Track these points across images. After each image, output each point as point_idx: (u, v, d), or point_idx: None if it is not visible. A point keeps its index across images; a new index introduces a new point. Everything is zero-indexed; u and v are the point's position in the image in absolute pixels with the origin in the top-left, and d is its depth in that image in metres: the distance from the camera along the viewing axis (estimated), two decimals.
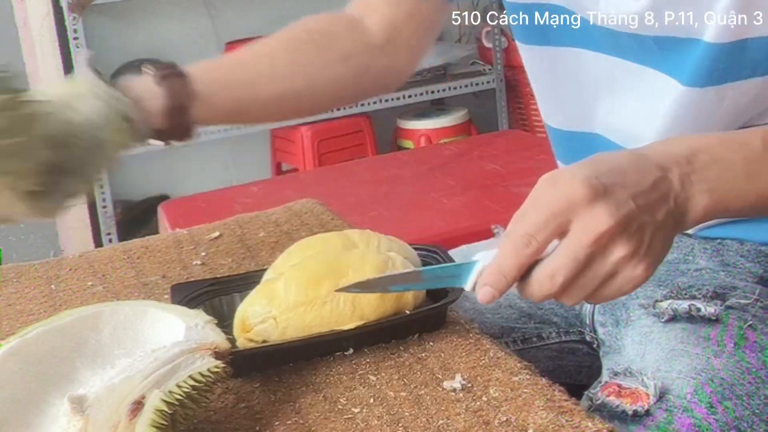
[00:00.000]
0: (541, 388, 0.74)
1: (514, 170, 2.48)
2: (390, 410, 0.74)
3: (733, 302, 0.95)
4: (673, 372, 0.88)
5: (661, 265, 0.93)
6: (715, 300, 0.95)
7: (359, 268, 0.83)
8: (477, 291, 0.77)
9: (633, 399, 0.85)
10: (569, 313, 1.11)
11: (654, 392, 0.85)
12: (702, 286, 0.98)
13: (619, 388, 0.87)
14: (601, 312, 1.06)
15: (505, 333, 1.11)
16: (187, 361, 0.72)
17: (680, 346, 0.91)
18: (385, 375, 0.79)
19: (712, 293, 0.96)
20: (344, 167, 2.87)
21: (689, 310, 0.94)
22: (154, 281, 1.06)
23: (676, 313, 0.94)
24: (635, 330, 0.98)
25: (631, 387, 0.86)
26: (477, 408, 0.72)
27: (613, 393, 0.86)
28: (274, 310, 0.82)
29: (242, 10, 3.24)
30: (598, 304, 1.03)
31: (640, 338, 0.96)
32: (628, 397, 0.85)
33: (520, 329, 1.11)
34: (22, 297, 1.06)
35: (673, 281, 1.01)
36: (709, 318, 0.93)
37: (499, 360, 0.79)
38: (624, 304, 1.02)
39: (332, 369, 0.81)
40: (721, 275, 1.01)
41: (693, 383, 0.87)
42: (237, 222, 1.23)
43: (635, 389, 0.86)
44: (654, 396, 0.85)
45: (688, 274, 1.02)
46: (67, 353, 0.76)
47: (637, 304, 1.00)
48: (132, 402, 0.67)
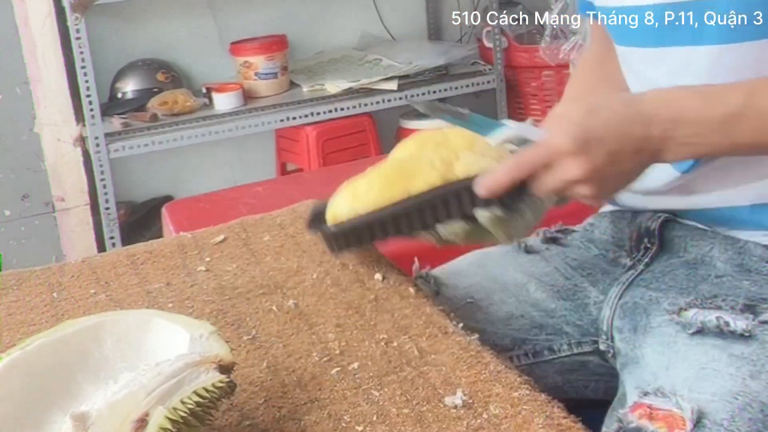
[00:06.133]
0: (541, 404, 0.74)
1: None
2: (393, 428, 0.74)
3: (767, 317, 0.92)
4: (706, 393, 0.85)
5: (680, 268, 1.02)
6: (746, 313, 0.92)
7: (426, 173, 0.94)
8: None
9: (668, 423, 0.81)
10: (584, 320, 1.09)
11: (691, 417, 0.81)
12: (727, 296, 0.95)
13: (651, 409, 0.83)
14: (620, 316, 1.03)
15: (516, 345, 1.09)
16: (191, 375, 0.71)
17: (712, 364, 0.88)
18: (388, 390, 0.79)
19: (742, 306, 0.93)
20: (348, 167, 2.85)
21: (718, 324, 0.90)
22: (158, 288, 1.05)
23: (704, 325, 0.91)
24: (656, 339, 0.95)
25: (664, 409, 0.83)
26: (477, 426, 0.72)
27: (645, 416, 0.83)
28: (357, 206, 0.97)
29: (245, 10, 3.23)
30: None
31: (662, 349, 0.93)
32: (662, 420, 0.82)
33: (531, 341, 1.10)
34: (24, 306, 1.05)
35: (695, 288, 0.99)
36: (741, 334, 0.90)
37: (499, 374, 0.79)
38: (645, 309, 1.00)
39: (336, 384, 0.81)
40: (746, 284, 0.98)
41: (730, 408, 0.83)
42: (241, 225, 1.22)
43: (669, 412, 0.82)
44: (691, 420, 0.81)
45: (709, 281, 0.99)
46: (69, 366, 0.75)
47: (659, 310, 0.98)
48: (135, 420, 0.66)
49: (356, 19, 3.41)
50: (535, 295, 1.12)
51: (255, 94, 3.08)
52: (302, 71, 3.23)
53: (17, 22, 2.85)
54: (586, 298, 1.09)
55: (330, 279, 1.03)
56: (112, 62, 3.04)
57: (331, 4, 3.36)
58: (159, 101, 2.94)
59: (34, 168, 2.94)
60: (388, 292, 0.97)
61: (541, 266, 1.15)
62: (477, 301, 1.12)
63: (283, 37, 3.15)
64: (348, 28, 3.41)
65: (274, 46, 3.09)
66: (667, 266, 1.05)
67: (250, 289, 1.03)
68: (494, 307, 1.12)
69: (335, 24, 3.39)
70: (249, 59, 3.06)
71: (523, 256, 1.18)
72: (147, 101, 2.95)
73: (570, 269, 1.13)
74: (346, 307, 0.96)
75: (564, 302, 1.10)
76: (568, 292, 1.11)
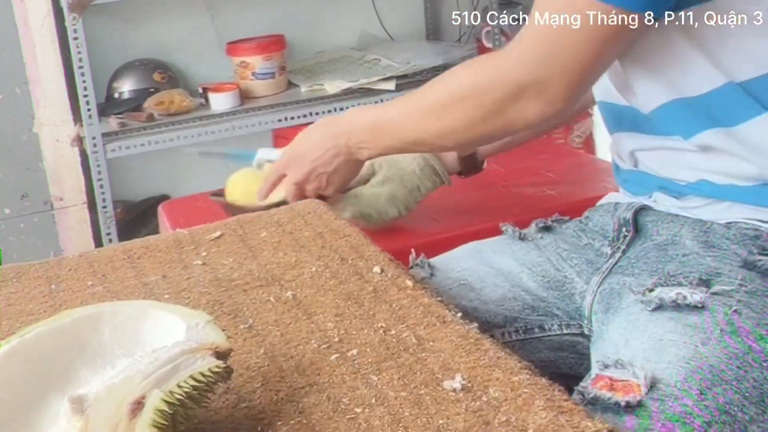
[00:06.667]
0: (541, 388, 0.74)
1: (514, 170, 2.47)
2: (391, 410, 0.74)
3: (718, 288, 0.98)
4: (662, 362, 0.90)
5: (652, 251, 1.09)
6: (701, 287, 0.97)
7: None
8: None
9: (625, 391, 0.86)
10: (570, 306, 1.16)
11: (645, 383, 0.87)
12: (689, 273, 1.00)
13: (612, 381, 0.88)
14: (598, 301, 1.09)
15: (509, 323, 1.16)
16: (187, 360, 0.71)
17: (668, 335, 0.93)
18: (387, 375, 0.79)
19: (698, 280, 0.98)
20: None
21: (675, 299, 0.96)
22: (155, 281, 1.06)
23: (663, 302, 0.97)
24: (621, 317, 1.00)
25: (623, 379, 0.88)
26: (477, 408, 0.72)
27: (606, 386, 0.88)
28: (240, 198, 1.54)
29: (243, 10, 3.23)
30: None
31: (625, 325, 0.98)
32: (621, 390, 0.87)
33: (522, 320, 1.16)
34: (22, 297, 1.05)
35: (663, 268, 1.04)
36: (695, 306, 0.95)
37: (499, 360, 0.79)
38: (619, 293, 1.05)
39: (335, 369, 0.81)
40: (707, 260, 1.03)
41: (683, 372, 0.89)
42: (238, 222, 1.22)
43: (627, 381, 0.88)
44: (645, 387, 0.87)
45: (676, 260, 1.05)
46: (67, 353, 0.76)
47: (629, 293, 1.03)
48: (132, 402, 0.67)
49: (355, 19, 3.41)
50: (528, 284, 1.19)
51: (252, 94, 3.08)
52: (301, 71, 3.23)
53: (17, 22, 2.85)
54: (572, 289, 1.17)
55: (329, 272, 1.03)
56: (109, 62, 3.04)
57: (330, 4, 3.36)
58: (155, 101, 2.94)
59: (33, 168, 2.94)
60: (386, 284, 0.97)
61: (534, 255, 1.22)
62: (470, 282, 1.20)
63: (281, 38, 3.15)
64: (347, 28, 3.41)
65: (271, 46, 3.09)
66: (641, 251, 1.11)
67: (247, 281, 1.03)
68: (488, 289, 1.19)
69: (334, 24, 3.39)
70: (246, 59, 3.06)
71: (517, 243, 1.25)
72: (144, 101, 2.95)
73: (561, 260, 1.19)
74: (344, 298, 0.96)
75: (553, 291, 1.18)
76: (557, 283, 1.18)
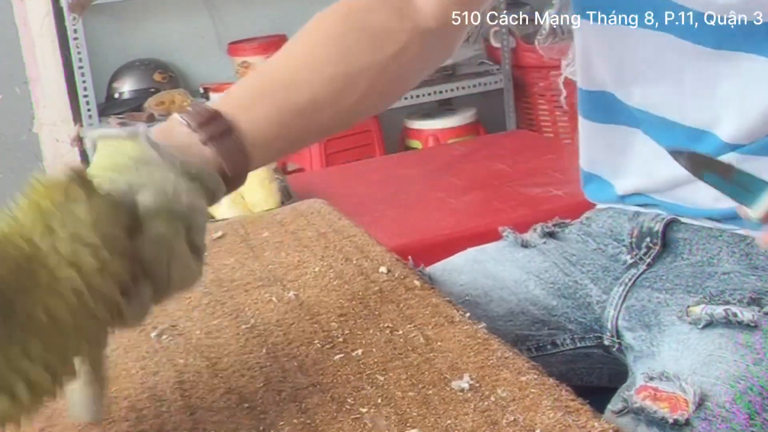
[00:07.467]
0: (549, 388, 0.73)
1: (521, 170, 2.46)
2: (398, 410, 0.73)
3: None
4: (710, 377, 0.87)
5: (687, 268, 1.03)
6: (752, 306, 0.94)
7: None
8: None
9: (671, 404, 0.83)
10: (587, 317, 1.08)
11: (693, 399, 0.83)
12: (734, 290, 0.97)
13: (656, 391, 0.85)
14: (626, 318, 1.03)
15: (519, 341, 1.08)
16: None
17: (718, 351, 0.90)
18: (393, 375, 0.78)
19: (749, 299, 0.95)
20: (351, 167, 2.86)
21: (726, 315, 0.93)
22: None
23: (713, 318, 0.93)
24: (672, 337, 0.96)
25: (668, 391, 0.85)
26: (485, 408, 0.72)
27: (649, 397, 0.84)
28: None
29: (243, 10, 3.22)
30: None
31: (677, 345, 0.94)
32: (665, 401, 0.84)
33: (533, 337, 1.08)
34: None
35: (702, 286, 0.99)
36: (747, 324, 0.92)
37: (506, 360, 0.78)
38: (653, 311, 1.00)
39: (340, 370, 0.80)
40: (752, 279, 0.99)
41: (732, 391, 0.85)
42: (240, 222, 1.21)
43: (672, 394, 0.84)
44: (693, 403, 0.83)
45: (715, 278, 1.00)
46: None
47: (668, 309, 0.99)
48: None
49: None
50: (535, 292, 1.10)
51: None
52: None
53: (17, 22, 2.85)
54: (587, 297, 1.08)
55: (333, 272, 1.01)
56: (109, 62, 3.04)
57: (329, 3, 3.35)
58: (156, 101, 2.94)
59: (33, 168, 2.93)
60: (393, 284, 0.96)
61: (538, 261, 1.13)
62: (474, 298, 1.10)
63: (283, 38, 3.14)
64: None
65: (273, 46, 3.08)
66: (671, 268, 1.04)
67: (248, 281, 1.02)
68: (493, 304, 1.10)
69: None
70: (247, 59, 3.05)
71: (520, 250, 1.15)
72: (144, 101, 2.94)
73: (569, 264, 1.11)
74: (349, 298, 0.94)
75: (565, 300, 1.09)
76: (569, 289, 1.09)
